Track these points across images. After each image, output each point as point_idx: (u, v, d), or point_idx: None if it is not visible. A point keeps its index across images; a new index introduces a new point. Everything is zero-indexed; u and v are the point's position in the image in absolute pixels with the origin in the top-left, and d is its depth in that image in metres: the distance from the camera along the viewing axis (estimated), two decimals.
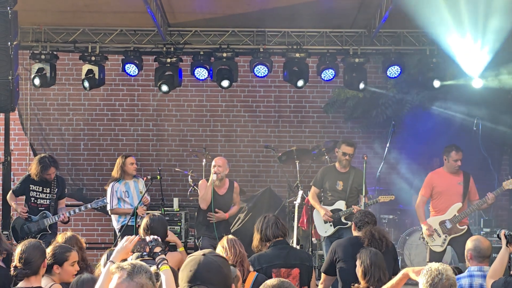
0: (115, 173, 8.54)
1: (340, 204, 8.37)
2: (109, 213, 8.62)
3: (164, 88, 9.47)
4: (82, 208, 8.50)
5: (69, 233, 5.45)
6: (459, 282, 5.14)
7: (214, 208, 8.15)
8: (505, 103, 9.95)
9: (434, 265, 3.91)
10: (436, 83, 9.36)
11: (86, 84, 9.38)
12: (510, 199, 10.18)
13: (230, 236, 5.19)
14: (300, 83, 9.44)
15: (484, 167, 10.22)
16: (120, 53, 9.67)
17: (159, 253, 3.79)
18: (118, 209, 8.47)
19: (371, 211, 8.81)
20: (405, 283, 4.72)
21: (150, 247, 3.84)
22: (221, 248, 5.04)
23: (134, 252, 3.91)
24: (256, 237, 5.58)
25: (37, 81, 9.30)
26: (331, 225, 8.38)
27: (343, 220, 8.29)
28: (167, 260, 3.75)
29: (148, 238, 3.89)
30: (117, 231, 8.57)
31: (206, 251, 2.93)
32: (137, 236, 3.96)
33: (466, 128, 10.12)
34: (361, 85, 9.51)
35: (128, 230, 7.86)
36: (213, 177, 8.14)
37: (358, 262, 5.13)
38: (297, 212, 8.46)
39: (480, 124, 10.13)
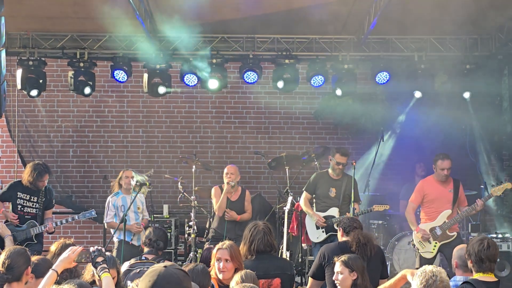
0: (115, 186, 8.59)
1: (333, 211, 8.38)
2: (105, 225, 8.63)
3: (162, 90, 9.56)
4: (69, 219, 8.41)
5: (67, 241, 5.31)
6: None
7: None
8: (492, 109, 9.99)
9: (429, 267, 3.90)
10: (417, 94, 9.37)
11: (88, 90, 9.40)
12: (497, 204, 10.22)
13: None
14: (280, 84, 9.48)
15: (472, 172, 10.27)
16: (109, 59, 9.64)
17: (101, 263, 4.16)
18: (113, 223, 8.42)
19: (363, 216, 8.93)
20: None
21: (93, 257, 4.18)
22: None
23: (77, 262, 4.27)
24: (243, 246, 5.56)
25: (34, 92, 9.29)
26: (323, 231, 8.38)
27: (335, 227, 8.28)
28: (108, 269, 4.15)
29: (91, 249, 4.22)
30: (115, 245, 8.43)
31: (168, 263, 2.93)
32: (81, 246, 4.29)
33: (454, 134, 10.15)
34: (338, 91, 9.54)
35: (124, 245, 7.94)
36: (226, 186, 8.45)
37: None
38: (287, 218, 8.47)
39: (468, 130, 10.19)
